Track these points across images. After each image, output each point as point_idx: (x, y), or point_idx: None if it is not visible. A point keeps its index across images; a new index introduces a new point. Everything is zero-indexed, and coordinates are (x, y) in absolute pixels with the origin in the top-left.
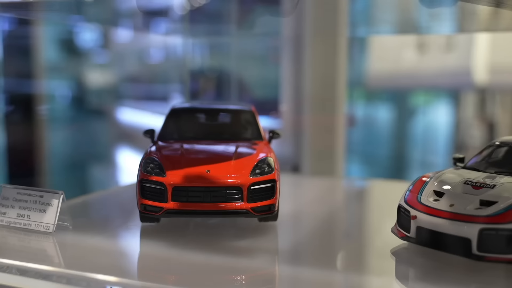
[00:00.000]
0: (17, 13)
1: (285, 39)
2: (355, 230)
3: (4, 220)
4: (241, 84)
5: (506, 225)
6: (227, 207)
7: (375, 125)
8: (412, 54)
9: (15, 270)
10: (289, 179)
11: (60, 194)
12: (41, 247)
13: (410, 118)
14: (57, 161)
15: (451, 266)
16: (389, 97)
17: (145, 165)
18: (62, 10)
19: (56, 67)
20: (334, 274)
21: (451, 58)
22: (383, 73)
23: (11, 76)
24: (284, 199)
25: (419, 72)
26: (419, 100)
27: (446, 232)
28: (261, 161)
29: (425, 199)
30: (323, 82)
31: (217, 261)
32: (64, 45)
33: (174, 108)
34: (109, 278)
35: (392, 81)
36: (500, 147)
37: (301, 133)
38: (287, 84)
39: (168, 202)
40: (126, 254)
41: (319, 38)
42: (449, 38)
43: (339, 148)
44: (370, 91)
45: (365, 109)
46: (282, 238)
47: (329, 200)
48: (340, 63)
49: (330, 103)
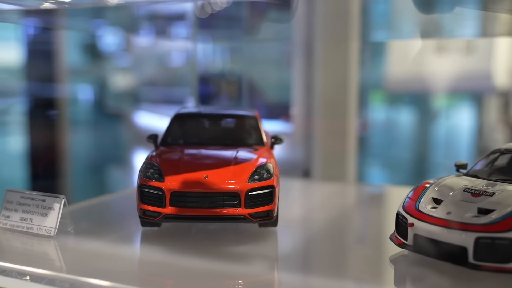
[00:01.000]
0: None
1: (296, 44)
2: (357, 237)
3: (8, 223)
4: (255, 88)
5: (503, 233)
6: (224, 212)
7: (397, 128)
8: (432, 57)
9: (15, 274)
10: (298, 184)
11: (62, 199)
12: (42, 251)
13: (433, 122)
14: (78, 163)
15: (449, 275)
16: (411, 101)
17: (145, 170)
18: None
19: (78, 71)
20: (331, 281)
21: (471, 61)
22: (402, 77)
23: (35, 80)
24: (290, 204)
25: (439, 75)
26: (442, 103)
27: (442, 240)
28: (260, 167)
29: (423, 207)
30: (335, 86)
31: (215, 267)
32: (87, 49)
33: (178, 113)
34: (103, 282)
35: (411, 84)
36: (503, 154)
37: (312, 137)
38: (299, 88)
39: (166, 207)
40: (124, 258)
41: (331, 43)
42: (469, 41)
43: (350, 153)
44: (392, 95)
45: (387, 113)
46: (283, 244)
47: (335, 206)
48: (352, 67)
49: (341, 107)
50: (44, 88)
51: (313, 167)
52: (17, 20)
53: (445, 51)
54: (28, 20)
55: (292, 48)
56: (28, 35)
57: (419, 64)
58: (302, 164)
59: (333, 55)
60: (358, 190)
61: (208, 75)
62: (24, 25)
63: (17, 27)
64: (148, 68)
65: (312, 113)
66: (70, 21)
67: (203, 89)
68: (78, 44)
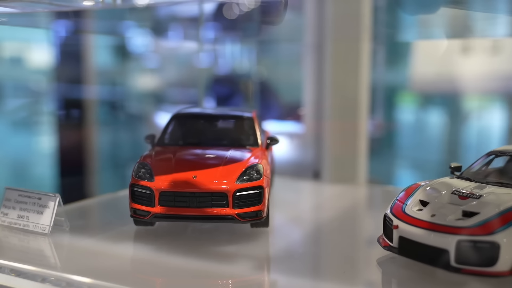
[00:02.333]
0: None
1: (307, 44)
2: (349, 239)
3: (6, 220)
4: (270, 89)
5: (484, 237)
6: (212, 212)
7: (426, 130)
8: (458, 57)
9: (7, 270)
10: (306, 185)
11: (56, 197)
12: (37, 248)
13: (463, 123)
14: (104, 161)
15: (434, 279)
16: (441, 102)
17: (137, 169)
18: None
19: (107, 72)
20: (317, 283)
21: (499, 61)
22: (429, 77)
23: (64, 81)
24: (290, 205)
25: (467, 75)
26: (472, 104)
27: (425, 242)
28: (250, 167)
29: (409, 209)
30: (346, 87)
31: (206, 266)
32: (116, 51)
33: (175, 114)
34: (86, 280)
35: (439, 85)
36: (498, 157)
37: (322, 138)
38: (310, 88)
39: (155, 206)
40: (115, 256)
41: (342, 43)
42: (495, 41)
43: (361, 154)
44: (420, 95)
45: (416, 114)
46: (274, 245)
47: (336, 207)
48: (363, 68)
49: (352, 108)
50: (72, 90)
51: (323, 169)
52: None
53: (472, 51)
54: (59, 22)
55: (303, 48)
56: (60, 37)
57: (446, 64)
58: (312, 166)
59: (344, 55)
60: (366, 192)
61: (224, 76)
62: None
63: (49, 30)
64: (174, 69)
65: (323, 114)
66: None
67: (220, 90)
68: (108, 46)
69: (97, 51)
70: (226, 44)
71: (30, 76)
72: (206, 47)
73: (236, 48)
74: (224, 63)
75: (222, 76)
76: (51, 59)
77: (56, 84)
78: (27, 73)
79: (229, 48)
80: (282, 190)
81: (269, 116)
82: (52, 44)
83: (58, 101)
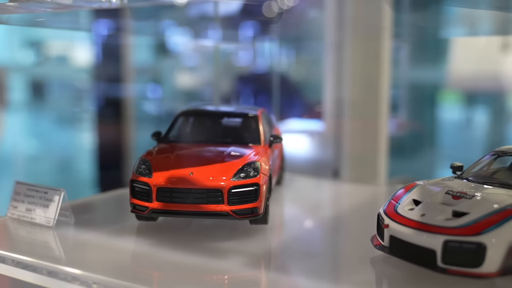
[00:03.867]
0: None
1: (328, 43)
2: (347, 239)
3: (15, 213)
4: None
5: (471, 237)
6: (208, 208)
7: (469, 128)
8: (498, 55)
9: (10, 261)
10: (324, 184)
11: (61, 191)
12: (43, 240)
13: (508, 122)
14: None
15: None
16: (485, 100)
17: (137, 166)
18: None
19: (147, 70)
20: (309, 282)
21: None
22: (467, 75)
23: (104, 79)
24: (303, 203)
25: (510, 73)
26: None
27: (413, 242)
28: (247, 164)
29: (402, 208)
30: (366, 85)
31: (203, 261)
32: (156, 49)
33: (181, 111)
34: (76, 271)
35: (479, 82)
36: (500, 157)
37: (342, 137)
38: (329, 87)
39: (153, 202)
40: (116, 250)
41: (361, 41)
42: None
43: (381, 154)
44: (462, 93)
45: (459, 112)
46: (271, 241)
47: (348, 206)
48: (384, 66)
49: (373, 107)
50: (112, 88)
51: (342, 167)
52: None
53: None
54: (100, 22)
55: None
56: (101, 37)
57: (486, 62)
58: (331, 165)
59: (364, 54)
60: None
61: (249, 74)
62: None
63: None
64: (211, 67)
65: (343, 112)
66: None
67: (244, 88)
68: (148, 44)
69: (137, 50)
70: (264, 43)
71: (73, 75)
72: (245, 46)
73: (274, 46)
74: (262, 62)
75: (247, 74)
76: (92, 58)
77: (96, 82)
78: (71, 72)
79: (267, 46)
80: (299, 188)
81: (292, 114)
82: (93, 43)
83: (98, 99)
